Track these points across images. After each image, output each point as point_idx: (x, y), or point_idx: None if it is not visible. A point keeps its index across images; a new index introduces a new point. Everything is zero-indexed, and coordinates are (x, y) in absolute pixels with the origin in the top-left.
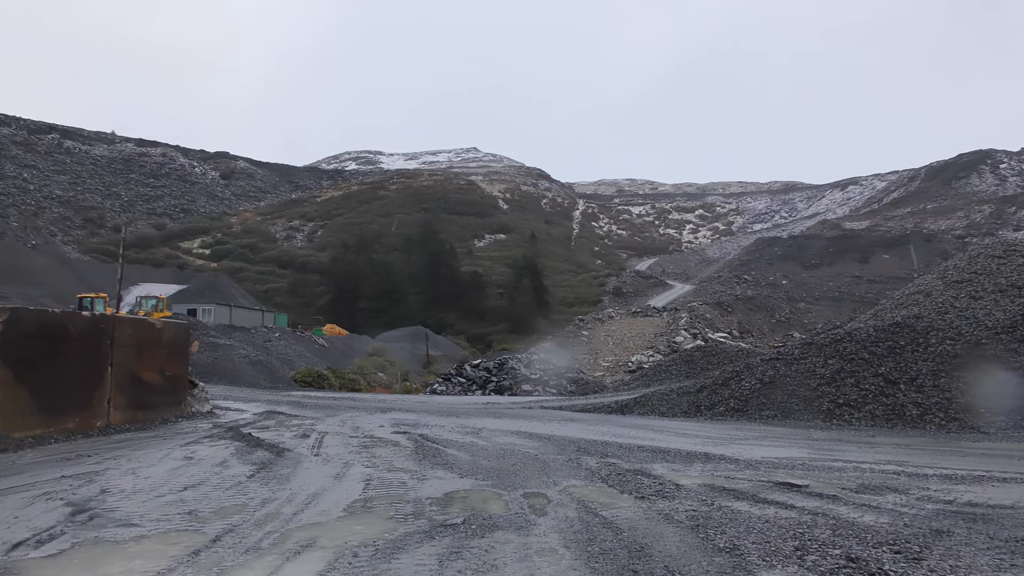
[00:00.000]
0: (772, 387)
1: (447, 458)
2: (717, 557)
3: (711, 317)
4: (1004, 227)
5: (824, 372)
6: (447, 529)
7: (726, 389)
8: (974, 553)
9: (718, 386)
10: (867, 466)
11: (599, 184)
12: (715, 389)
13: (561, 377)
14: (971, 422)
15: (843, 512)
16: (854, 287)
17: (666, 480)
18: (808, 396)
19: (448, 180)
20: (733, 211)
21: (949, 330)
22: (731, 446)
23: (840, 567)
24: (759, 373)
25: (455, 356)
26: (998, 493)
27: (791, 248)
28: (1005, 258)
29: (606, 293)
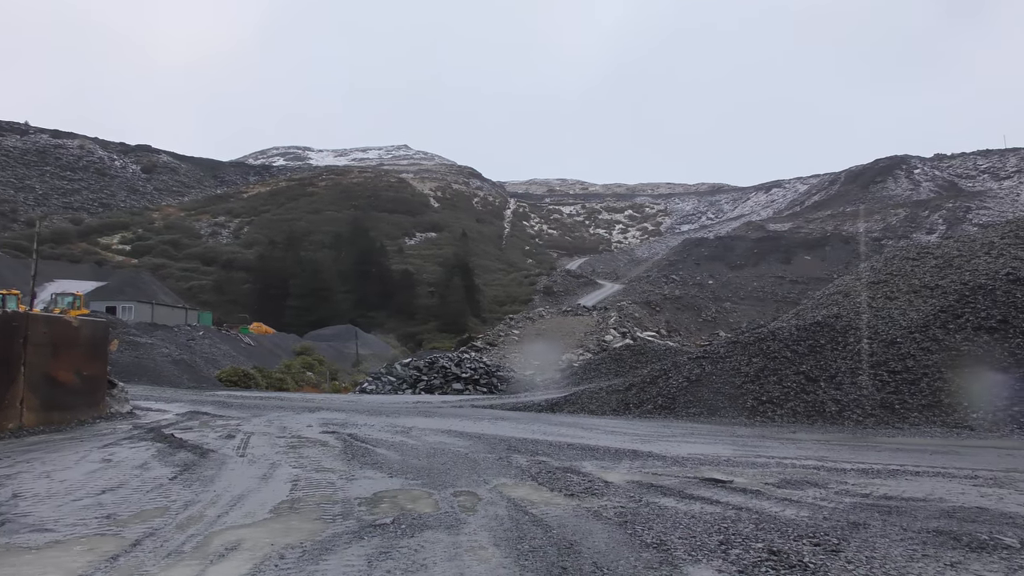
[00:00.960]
0: (699, 385)
1: (376, 457)
2: (644, 552)
3: (640, 316)
4: (918, 230)
5: (748, 370)
6: (376, 529)
7: (654, 387)
8: (888, 544)
9: (646, 384)
10: (789, 461)
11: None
12: (643, 387)
13: (492, 376)
14: (886, 418)
15: (766, 507)
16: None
17: (595, 477)
18: (733, 394)
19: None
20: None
21: (866, 329)
22: (659, 443)
23: (762, 560)
24: (686, 371)
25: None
26: (911, 486)
27: (717, 249)
28: (919, 260)
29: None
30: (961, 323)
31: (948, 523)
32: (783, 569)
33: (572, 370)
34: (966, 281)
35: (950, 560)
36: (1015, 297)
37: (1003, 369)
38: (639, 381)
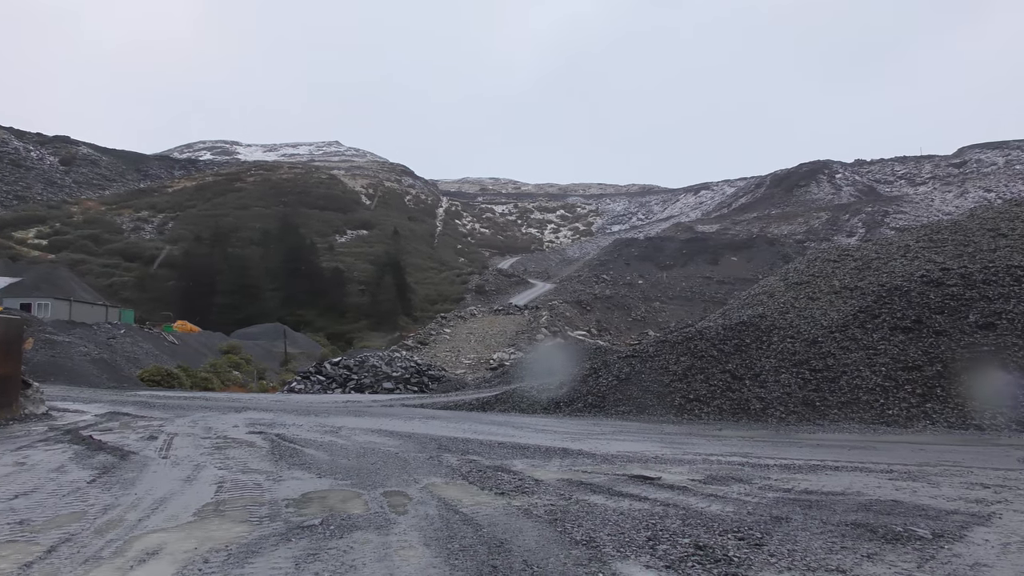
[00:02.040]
0: (628, 383)
1: (305, 458)
2: (574, 550)
3: (571, 315)
4: (839, 233)
5: (676, 369)
6: (304, 531)
7: (584, 386)
8: (809, 537)
9: (576, 383)
10: (715, 458)
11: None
12: (574, 386)
13: (423, 375)
14: (808, 415)
15: (692, 503)
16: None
17: (526, 476)
18: (661, 392)
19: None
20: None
21: (789, 329)
22: (588, 441)
23: (689, 555)
24: (616, 370)
25: (314, 354)
26: (831, 480)
27: (647, 249)
28: (839, 262)
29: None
30: (878, 323)
31: (865, 516)
32: (709, 563)
33: (503, 369)
34: (883, 283)
35: (867, 552)
36: (928, 298)
37: (917, 367)
38: (569, 380)
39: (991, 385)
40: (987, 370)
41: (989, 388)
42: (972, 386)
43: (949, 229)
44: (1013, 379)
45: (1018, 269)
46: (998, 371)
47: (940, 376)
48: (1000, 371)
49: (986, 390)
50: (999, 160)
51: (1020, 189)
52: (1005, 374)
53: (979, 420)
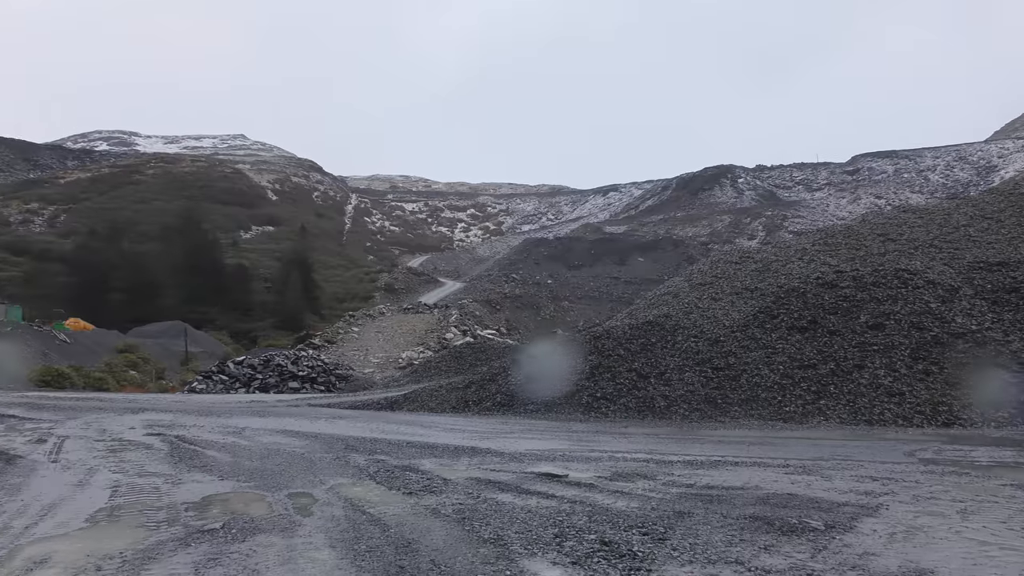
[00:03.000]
0: (536, 382)
1: (206, 460)
2: (482, 548)
3: (480, 314)
4: (740, 236)
5: (584, 368)
6: (205, 535)
7: (493, 385)
8: (710, 531)
9: (486, 382)
10: (621, 455)
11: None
12: (483, 385)
13: (330, 374)
14: (710, 412)
15: (599, 499)
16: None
17: (434, 475)
18: (569, 390)
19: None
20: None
21: (693, 328)
22: (497, 440)
23: (595, 551)
24: (525, 369)
25: (217, 353)
26: (731, 476)
27: (556, 249)
28: (741, 264)
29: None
30: (777, 323)
31: (763, 509)
32: (614, 558)
33: (412, 368)
34: (782, 284)
35: (764, 544)
36: (823, 300)
37: (812, 366)
38: (479, 379)
39: (881, 382)
40: (877, 368)
41: (879, 385)
42: (863, 383)
43: (843, 234)
44: (899, 376)
45: (905, 272)
46: (886, 369)
47: (833, 374)
48: (887, 369)
49: (876, 387)
50: (889, 168)
51: (908, 196)
52: (891, 372)
53: (868, 416)
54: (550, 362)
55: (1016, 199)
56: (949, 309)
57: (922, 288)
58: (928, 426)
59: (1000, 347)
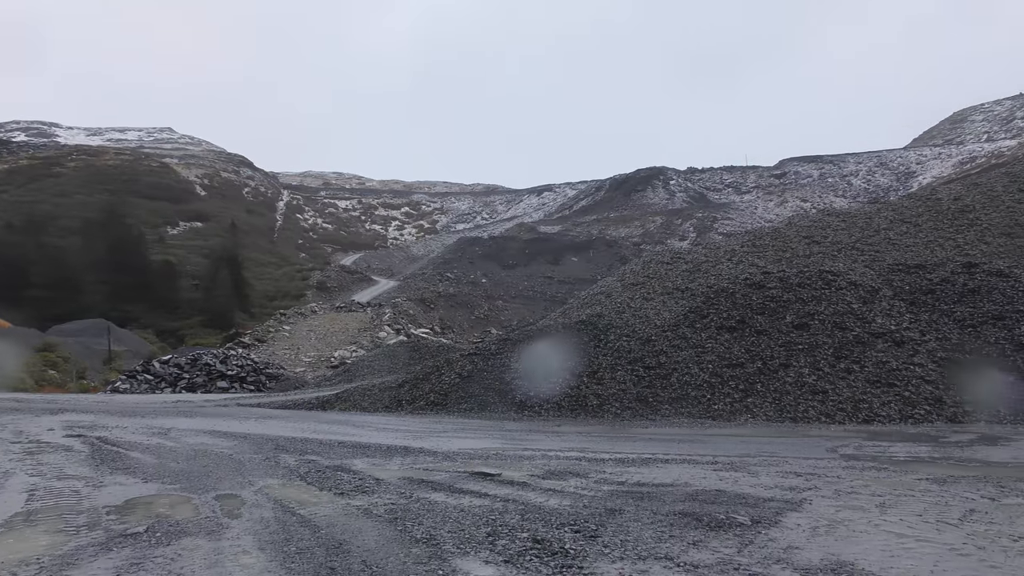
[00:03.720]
0: (470, 381)
1: (129, 462)
2: (414, 548)
3: (414, 313)
4: (672, 237)
5: (518, 367)
6: (127, 539)
7: (427, 384)
8: (641, 528)
9: (419, 381)
10: (553, 453)
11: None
12: (416, 384)
13: (260, 373)
14: (641, 410)
15: (531, 497)
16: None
17: (366, 475)
18: (503, 389)
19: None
20: (438, 210)
21: (625, 328)
22: (430, 439)
23: (527, 549)
24: (458, 368)
25: (142, 352)
26: (661, 473)
27: (491, 248)
28: (672, 264)
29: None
30: (707, 323)
31: (692, 505)
32: (546, 556)
33: (345, 367)
34: (711, 285)
35: (693, 539)
36: (751, 300)
37: (740, 365)
38: (412, 378)
39: (805, 381)
40: (801, 367)
41: (803, 383)
42: (788, 382)
43: (770, 236)
44: (822, 375)
45: (829, 274)
46: (810, 368)
47: (760, 373)
48: (811, 368)
49: (801, 386)
50: (814, 173)
51: (832, 200)
52: (815, 370)
53: (793, 413)
54: (485, 361)
55: (932, 204)
56: (870, 310)
57: (845, 289)
58: (849, 423)
59: (917, 346)
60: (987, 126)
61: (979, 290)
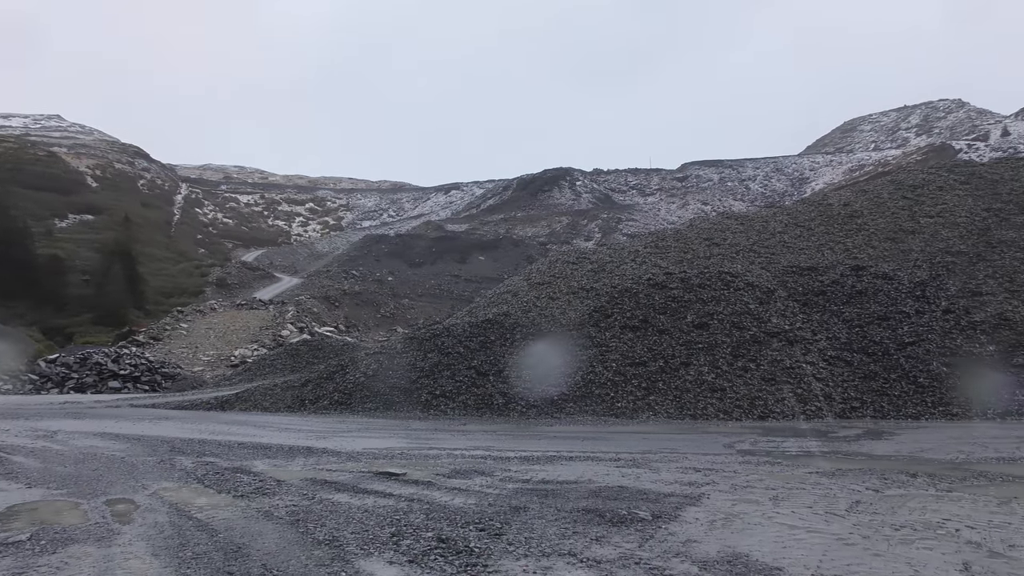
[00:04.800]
0: (375, 380)
1: (11, 467)
2: (316, 550)
3: (318, 311)
4: (577, 237)
5: (424, 365)
6: (9, 548)
7: (331, 383)
8: (545, 525)
9: (323, 380)
10: (459, 452)
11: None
12: (320, 383)
13: (155, 372)
14: (546, 409)
15: (436, 497)
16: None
17: (267, 476)
18: (408, 388)
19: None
20: (343, 207)
21: (531, 327)
22: (334, 439)
23: (432, 548)
24: (363, 367)
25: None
26: (566, 470)
27: (398, 246)
28: (577, 264)
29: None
30: (611, 322)
31: (595, 502)
32: (451, 555)
33: (246, 366)
34: (615, 285)
35: (595, 535)
36: (654, 300)
37: (643, 363)
38: (316, 377)
39: (704, 379)
40: (701, 365)
41: (703, 381)
42: (688, 380)
43: (672, 237)
44: (721, 373)
45: (728, 275)
46: (709, 366)
47: (662, 371)
48: (710, 366)
49: (700, 384)
50: (714, 177)
51: (731, 203)
52: (714, 368)
53: (693, 410)
54: (390, 360)
55: (824, 209)
56: (765, 310)
57: (742, 290)
58: (746, 419)
59: (808, 345)
60: (874, 136)
61: (866, 292)
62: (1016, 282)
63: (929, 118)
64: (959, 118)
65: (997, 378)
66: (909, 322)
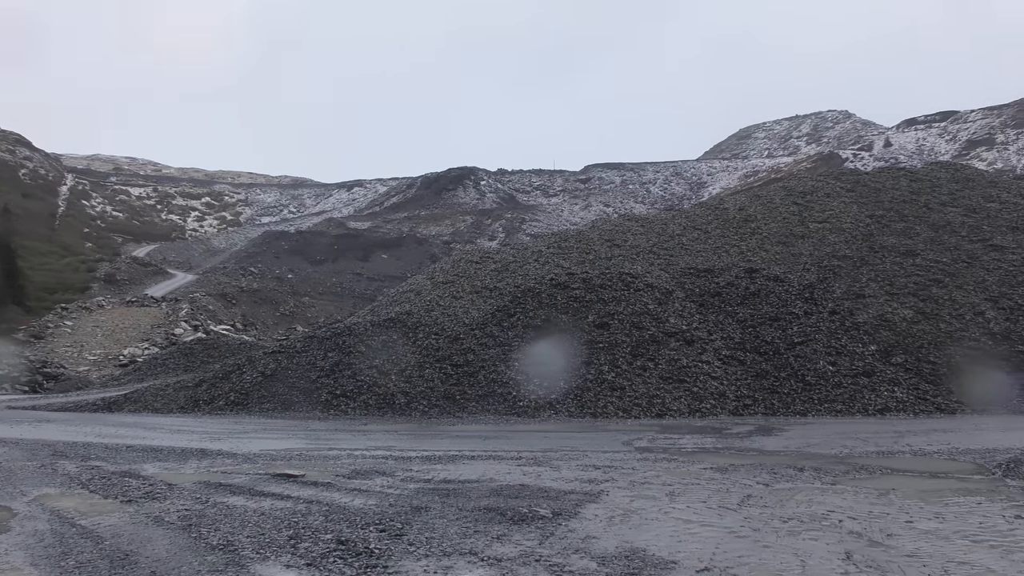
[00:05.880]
0: (274, 380)
1: None
2: (210, 555)
3: (214, 309)
4: (481, 236)
5: (324, 364)
6: None
7: (227, 383)
8: (446, 524)
9: (218, 379)
10: (360, 452)
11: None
12: (215, 383)
13: (36, 372)
14: (449, 408)
15: (336, 498)
16: (355, 284)
17: (157, 480)
18: (308, 388)
19: None
20: (242, 202)
21: (434, 326)
22: (230, 440)
23: (331, 551)
24: (261, 366)
25: None
26: (467, 469)
27: (298, 243)
28: (481, 263)
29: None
30: (514, 321)
31: (496, 500)
32: (350, 557)
33: (136, 366)
34: (519, 284)
35: (497, 533)
36: (557, 300)
37: (545, 363)
38: (211, 376)
39: (605, 377)
40: (602, 364)
41: (603, 380)
42: (589, 378)
43: (575, 238)
44: (620, 372)
45: (628, 276)
46: (609, 365)
47: (563, 370)
48: (611, 365)
49: (601, 382)
50: (616, 179)
51: (632, 206)
52: (614, 367)
53: (594, 409)
54: (289, 359)
55: (720, 213)
56: (664, 310)
57: (642, 291)
58: (644, 417)
59: (704, 345)
60: (768, 143)
61: (759, 293)
62: (896, 285)
63: (818, 127)
64: (846, 128)
65: (879, 376)
66: (798, 323)
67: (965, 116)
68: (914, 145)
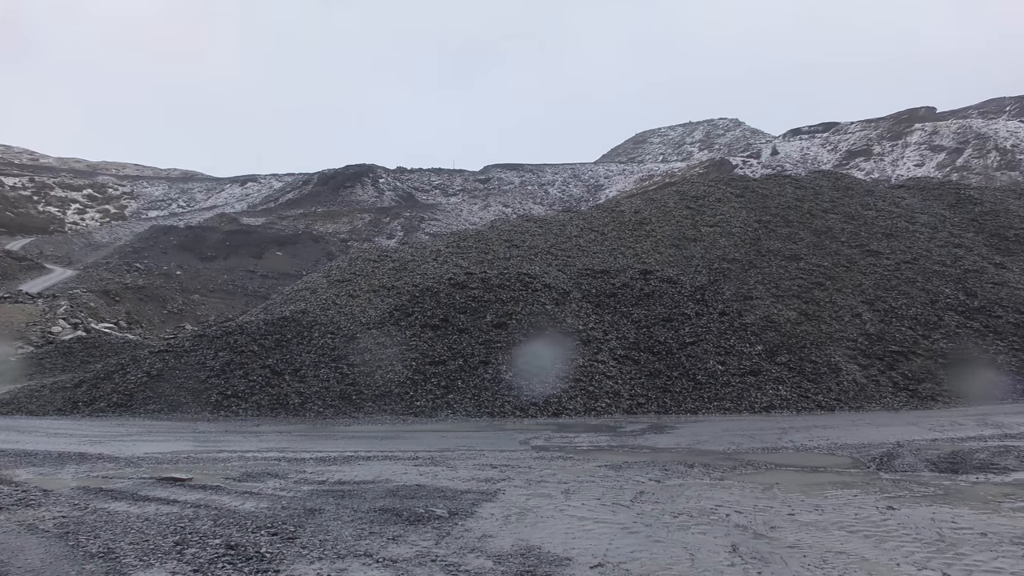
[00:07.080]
0: (160, 380)
1: None
2: (88, 564)
3: (96, 306)
4: (380, 234)
5: (214, 364)
6: None
7: (109, 383)
8: (341, 526)
9: (100, 380)
10: (251, 454)
11: None
12: (96, 383)
13: None
14: (344, 408)
15: (226, 501)
16: (248, 281)
17: (31, 486)
18: (197, 388)
19: None
20: (127, 195)
21: (330, 324)
22: (112, 443)
23: (220, 556)
24: (146, 366)
25: None
26: (363, 470)
27: (188, 238)
28: (379, 262)
29: None
30: (412, 320)
31: (392, 501)
32: (240, 562)
33: (9, 365)
34: (417, 283)
35: (392, 535)
36: (455, 299)
37: (442, 362)
38: (91, 377)
39: (502, 377)
40: (499, 364)
41: (501, 380)
42: (487, 378)
43: (474, 238)
44: (519, 372)
45: (526, 276)
46: (507, 365)
47: (461, 370)
48: (508, 365)
49: (498, 382)
50: (516, 180)
51: (531, 207)
52: (512, 367)
53: (491, 408)
54: (177, 359)
55: (616, 215)
56: (561, 310)
57: (540, 291)
58: (541, 416)
59: (600, 345)
60: (663, 148)
61: (653, 294)
62: (781, 288)
63: (711, 134)
64: (736, 136)
65: (765, 375)
66: (690, 323)
67: (846, 128)
68: (799, 154)
